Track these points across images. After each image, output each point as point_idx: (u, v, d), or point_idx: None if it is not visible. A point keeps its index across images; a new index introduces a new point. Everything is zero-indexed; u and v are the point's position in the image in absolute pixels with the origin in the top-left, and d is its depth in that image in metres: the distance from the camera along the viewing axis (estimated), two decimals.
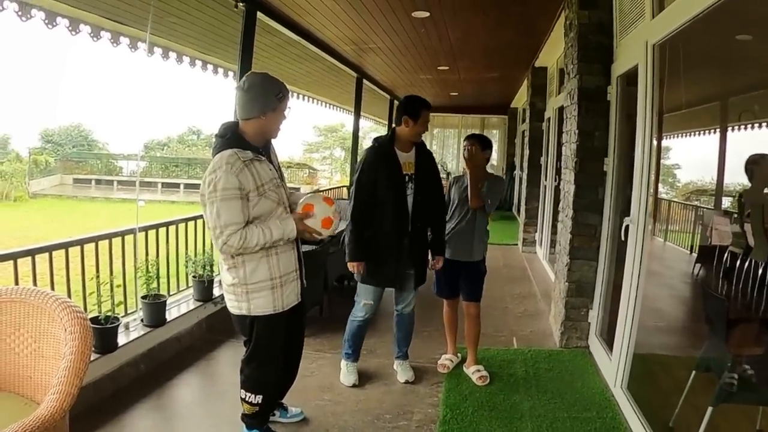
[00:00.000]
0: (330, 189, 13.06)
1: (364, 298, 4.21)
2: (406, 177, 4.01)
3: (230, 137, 2.98)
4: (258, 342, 3.22)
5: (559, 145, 6.38)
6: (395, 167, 3.97)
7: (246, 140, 3.00)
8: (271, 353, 3.27)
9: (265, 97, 2.97)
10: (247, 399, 3.31)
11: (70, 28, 4.70)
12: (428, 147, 4.29)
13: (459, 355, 4.71)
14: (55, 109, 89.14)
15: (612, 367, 4.23)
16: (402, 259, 4.07)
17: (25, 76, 76.53)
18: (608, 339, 4.55)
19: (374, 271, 4.08)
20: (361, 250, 4.03)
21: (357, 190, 4.02)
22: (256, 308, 3.10)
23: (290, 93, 3.14)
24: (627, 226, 4.08)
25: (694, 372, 3.55)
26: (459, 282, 4.50)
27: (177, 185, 36.06)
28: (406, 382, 4.32)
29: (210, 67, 6.96)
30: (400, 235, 4.02)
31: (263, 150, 3.10)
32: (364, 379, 4.39)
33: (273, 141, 3.25)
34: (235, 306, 3.15)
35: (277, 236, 2.98)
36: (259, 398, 3.29)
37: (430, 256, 4.29)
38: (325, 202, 3.21)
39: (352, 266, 4.08)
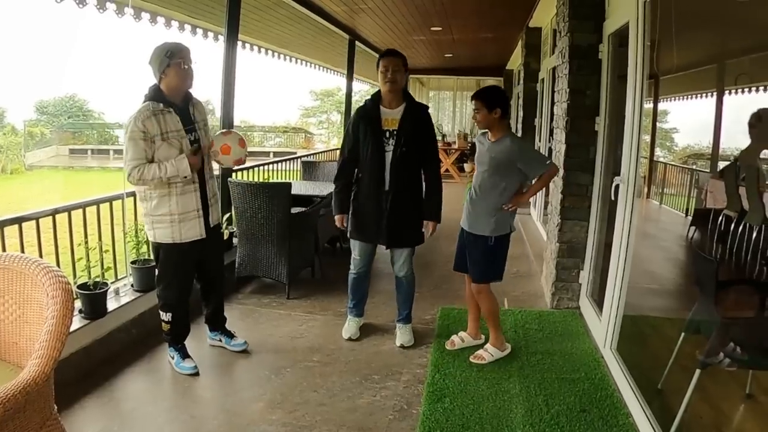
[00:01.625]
0: (327, 151, 12.99)
1: (353, 252, 4.37)
2: (387, 133, 4.05)
3: (149, 94, 3.58)
4: (160, 266, 3.83)
5: (553, 105, 6.33)
6: (375, 123, 4.08)
7: (164, 96, 3.57)
8: (172, 277, 3.82)
9: (159, 59, 3.52)
10: (161, 317, 3.91)
11: None
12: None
13: (483, 336, 4.37)
14: (50, 81, 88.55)
15: (602, 328, 4.23)
16: (382, 215, 4.10)
17: (17, 48, 75.68)
18: (599, 300, 4.55)
19: (356, 225, 4.25)
20: (344, 204, 4.24)
21: (342, 147, 4.27)
22: (158, 237, 3.69)
23: (281, 56, 3.63)
24: (617, 186, 4.05)
25: (683, 334, 3.55)
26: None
27: None
28: (401, 346, 4.33)
29: (199, 31, 6.85)
30: (378, 191, 4.08)
31: (181, 104, 3.65)
32: (358, 339, 4.45)
33: (196, 97, 3.81)
34: (149, 234, 3.76)
35: (171, 172, 3.49)
36: (168, 316, 3.88)
37: None
38: (240, 144, 3.79)
39: (336, 220, 4.29)
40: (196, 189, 3.69)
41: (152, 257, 4.62)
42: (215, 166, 4.03)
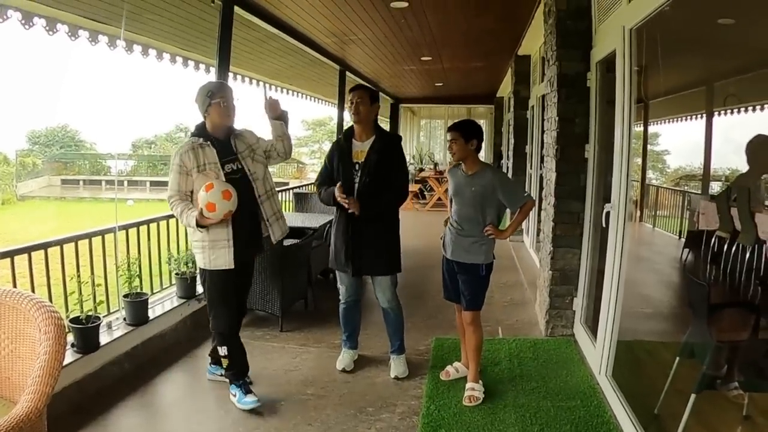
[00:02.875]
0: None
1: (338, 282, 4.44)
2: (356, 165, 4.15)
3: (194, 130, 3.90)
4: (206, 292, 3.95)
5: (543, 133, 6.38)
6: (345, 156, 4.21)
7: (207, 132, 3.82)
8: (215, 304, 3.90)
9: (201, 99, 3.77)
10: (219, 353, 3.95)
11: (47, 27, 4.62)
12: (416, 137, 4.34)
13: None
14: (42, 111, 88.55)
15: (596, 354, 4.23)
16: (351, 244, 4.16)
17: (9, 78, 75.86)
18: (593, 327, 4.55)
19: (332, 255, 4.32)
20: (328, 192, 4.26)
21: (318, 176, 4.43)
22: (198, 262, 3.87)
23: (273, 88, 3.73)
24: (608, 213, 4.07)
25: (678, 358, 3.55)
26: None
27: (165, 183, 35.87)
28: (396, 378, 4.31)
29: (191, 63, 6.88)
30: (346, 220, 4.15)
31: (223, 138, 3.83)
32: (352, 371, 4.44)
33: (241, 129, 3.99)
34: (197, 259, 3.90)
35: (183, 222, 3.73)
36: (224, 350, 3.90)
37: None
38: (224, 197, 3.58)
39: (341, 199, 4.12)
40: (228, 221, 3.69)
41: (142, 291, 4.70)
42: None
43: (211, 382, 4.23)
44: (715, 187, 5.26)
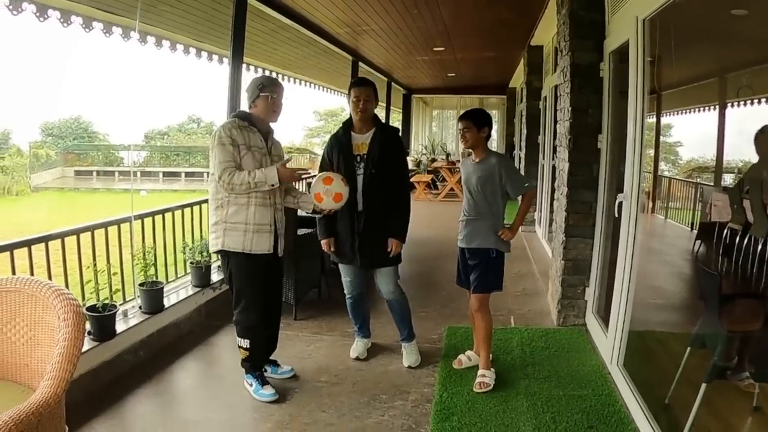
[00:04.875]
0: None
1: (342, 275, 4.45)
2: (358, 157, 4.17)
3: (237, 113, 3.88)
4: (235, 281, 3.83)
5: (556, 123, 6.36)
6: (346, 149, 4.19)
7: (251, 119, 3.79)
8: (249, 297, 3.82)
9: (252, 89, 3.79)
10: (239, 344, 3.89)
11: (61, 19, 4.66)
12: (428, 128, 4.35)
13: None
14: (56, 102, 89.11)
15: (608, 344, 4.24)
16: (355, 237, 4.17)
17: (23, 71, 76.24)
18: (605, 316, 4.56)
19: (336, 249, 4.31)
20: (323, 227, 4.31)
21: (318, 172, 4.27)
22: (228, 244, 3.70)
23: (285, 78, 3.68)
24: (621, 203, 4.08)
25: (689, 348, 3.56)
26: None
27: (178, 174, 36.15)
28: (409, 367, 4.33)
29: (204, 54, 6.91)
30: (351, 213, 4.15)
31: (264, 133, 3.83)
32: (365, 359, 4.49)
33: (276, 134, 3.98)
34: (214, 243, 3.77)
35: (260, 178, 3.60)
36: (246, 342, 3.85)
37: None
38: (342, 181, 3.84)
39: (323, 245, 4.34)
40: (273, 205, 3.80)
41: (157, 280, 4.70)
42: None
43: (226, 369, 4.27)
44: (728, 179, 5.24)
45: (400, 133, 4.51)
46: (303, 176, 3.74)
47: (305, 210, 4.23)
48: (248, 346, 3.86)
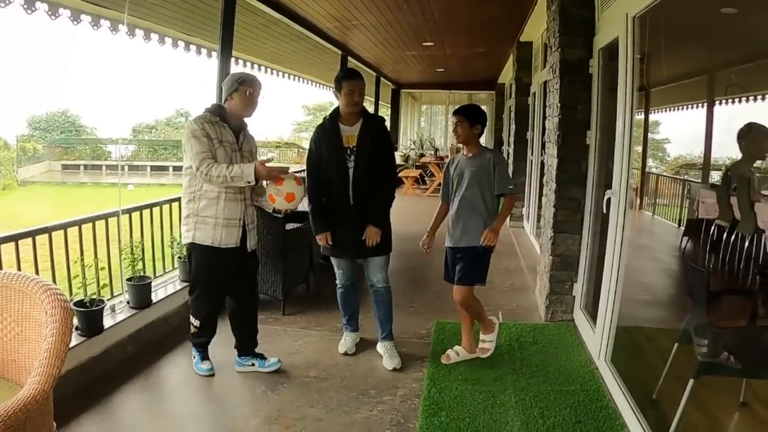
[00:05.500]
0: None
1: (334, 266, 4.49)
2: (348, 150, 4.15)
3: (210, 107, 3.87)
4: (194, 271, 3.96)
5: (544, 119, 6.38)
6: (335, 141, 4.17)
7: (224, 114, 3.83)
8: (206, 286, 3.96)
9: (229, 83, 3.83)
10: (190, 320, 4.06)
11: (49, 12, 4.63)
12: (416, 123, 4.35)
13: (478, 348, 4.41)
14: (42, 96, 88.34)
15: (596, 339, 4.26)
16: (349, 229, 4.19)
17: (10, 64, 75.59)
18: (593, 312, 4.58)
19: (333, 242, 4.29)
20: (319, 222, 4.29)
21: (307, 166, 4.37)
22: (198, 237, 3.79)
23: (274, 72, 3.70)
24: (609, 199, 4.09)
25: (676, 344, 3.58)
26: None
27: (166, 168, 35.95)
28: (393, 369, 4.24)
29: (193, 47, 6.89)
30: (343, 205, 4.17)
31: (236, 129, 3.88)
32: (354, 354, 4.49)
33: (249, 129, 4.04)
34: (186, 236, 3.86)
35: (236, 173, 3.63)
36: (197, 321, 4.03)
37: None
38: (295, 180, 3.83)
39: (320, 239, 4.30)
40: (243, 200, 3.89)
41: (145, 275, 4.69)
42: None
43: (215, 364, 4.24)
44: (716, 176, 5.28)
45: (389, 129, 4.49)
46: (282, 175, 3.80)
47: (266, 209, 4.37)
48: (198, 326, 4.03)
